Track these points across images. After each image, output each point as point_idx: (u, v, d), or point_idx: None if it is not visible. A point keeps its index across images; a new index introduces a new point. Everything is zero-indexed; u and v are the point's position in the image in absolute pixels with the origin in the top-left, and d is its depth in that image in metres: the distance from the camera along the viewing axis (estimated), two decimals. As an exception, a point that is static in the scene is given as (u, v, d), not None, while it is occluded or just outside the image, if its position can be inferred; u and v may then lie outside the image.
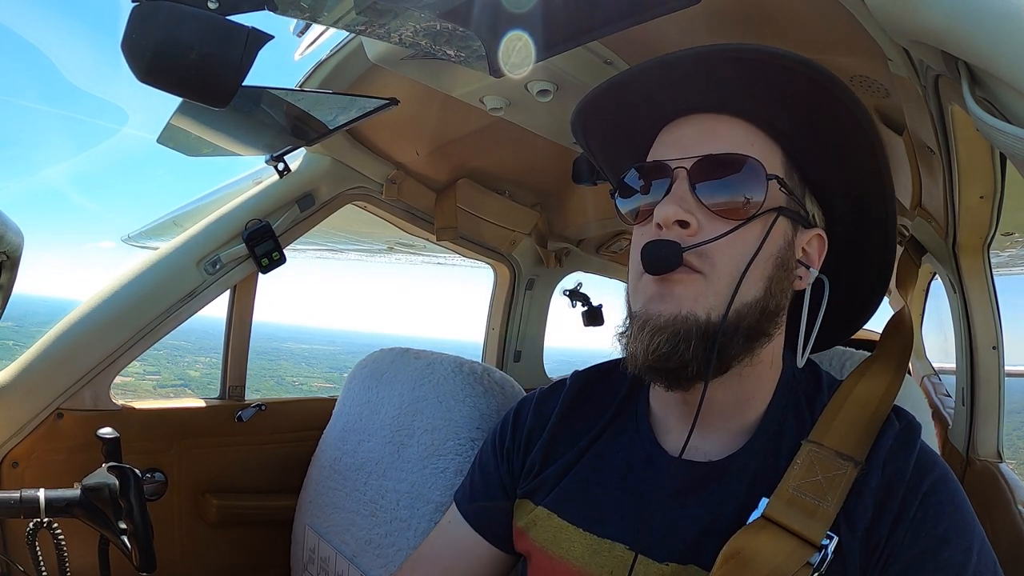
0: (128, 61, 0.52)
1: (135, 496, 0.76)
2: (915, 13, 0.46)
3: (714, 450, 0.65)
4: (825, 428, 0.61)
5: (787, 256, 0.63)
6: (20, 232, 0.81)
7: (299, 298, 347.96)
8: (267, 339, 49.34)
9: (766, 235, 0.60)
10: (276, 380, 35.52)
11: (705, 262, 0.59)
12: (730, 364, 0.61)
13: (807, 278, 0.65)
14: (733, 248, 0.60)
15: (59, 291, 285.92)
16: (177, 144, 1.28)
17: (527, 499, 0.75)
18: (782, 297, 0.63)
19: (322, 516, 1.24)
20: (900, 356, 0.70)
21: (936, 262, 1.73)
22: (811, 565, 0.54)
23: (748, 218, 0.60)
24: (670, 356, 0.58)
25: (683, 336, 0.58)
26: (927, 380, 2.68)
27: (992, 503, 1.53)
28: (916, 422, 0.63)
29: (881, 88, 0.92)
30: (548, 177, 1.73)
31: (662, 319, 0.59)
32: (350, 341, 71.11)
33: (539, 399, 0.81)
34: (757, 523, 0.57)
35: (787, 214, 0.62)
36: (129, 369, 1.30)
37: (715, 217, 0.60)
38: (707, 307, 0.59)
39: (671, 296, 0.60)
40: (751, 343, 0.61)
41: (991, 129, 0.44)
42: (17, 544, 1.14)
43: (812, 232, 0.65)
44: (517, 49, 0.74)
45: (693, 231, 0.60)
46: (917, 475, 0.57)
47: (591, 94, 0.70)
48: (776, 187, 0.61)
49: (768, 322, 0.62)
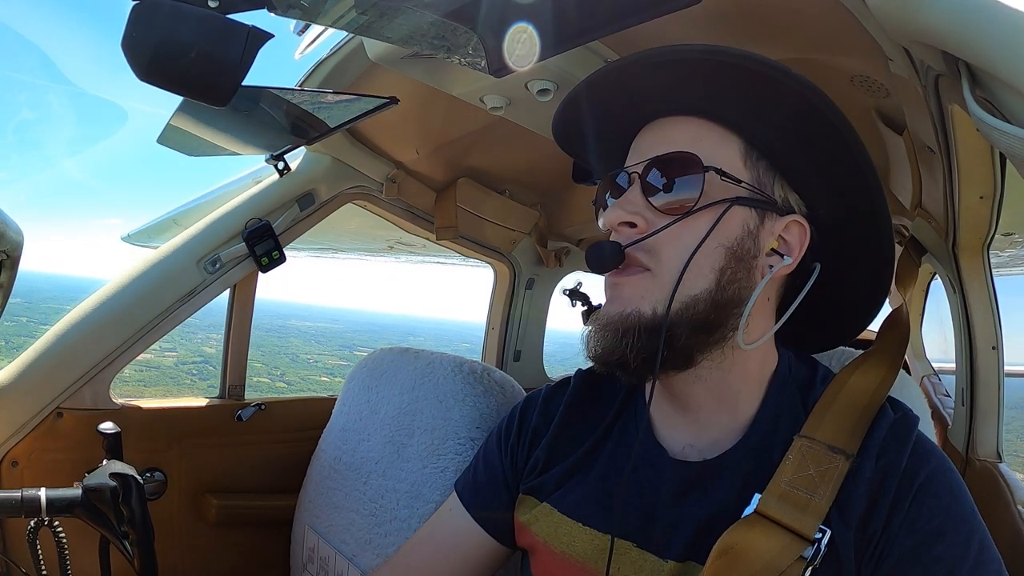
0: (128, 60, 0.52)
1: (137, 503, 0.76)
2: (915, 13, 0.46)
3: (709, 448, 0.66)
4: (817, 422, 0.61)
5: (745, 246, 0.62)
6: (20, 231, 0.81)
7: (299, 275, 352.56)
8: (271, 316, 48.83)
9: (712, 226, 0.61)
10: (291, 357, 35.33)
11: (652, 258, 0.62)
12: (692, 356, 0.62)
13: (778, 266, 0.64)
14: (678, 241, 0.61)
15: (65, 268, 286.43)
16: (177, 144, 1.28)
17: (531, 496, 0.75)
18: (740, 288, 0.62)
19: (322, 516, 1.24)
20: (896, 350, 0.70)
21: (936, 262, 1.73)
22: (804, 559, 0.54)
23: (688, 211, 0.61)
24: (612, 351, 0.61)
25: (624, 332, 0.61)
26: (927, 380, 2.68)
27: (992, 503, 1.53)
28: (913, 414, 0.63)
29: (881, 88, 0.92)
30: (548, 176, 1.73)
31: (608, 318, 0.63)
32: (353, 319, 71.05)
33: (545, 397, 0.82)
34: (750, 518, 0.57)
35: (745, 203, 0.62)
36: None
37: (662, 215, 0.63)
38: (652, 302, 0.61)
39: (618, 297, 0.63)
40: (706, 335, 0.62)
41: (991, 129, 0.44)
42: (17, 544, 1.14)
43: (787, 219, 0.65)
44: (517, 49, 0.74)
45: (641, 231, 0.62)
46: (912, 467, 0.57)
47: (555, 119, 0.75)
48: (716, 178, 0.61)
49: (723, 313, 0.62)
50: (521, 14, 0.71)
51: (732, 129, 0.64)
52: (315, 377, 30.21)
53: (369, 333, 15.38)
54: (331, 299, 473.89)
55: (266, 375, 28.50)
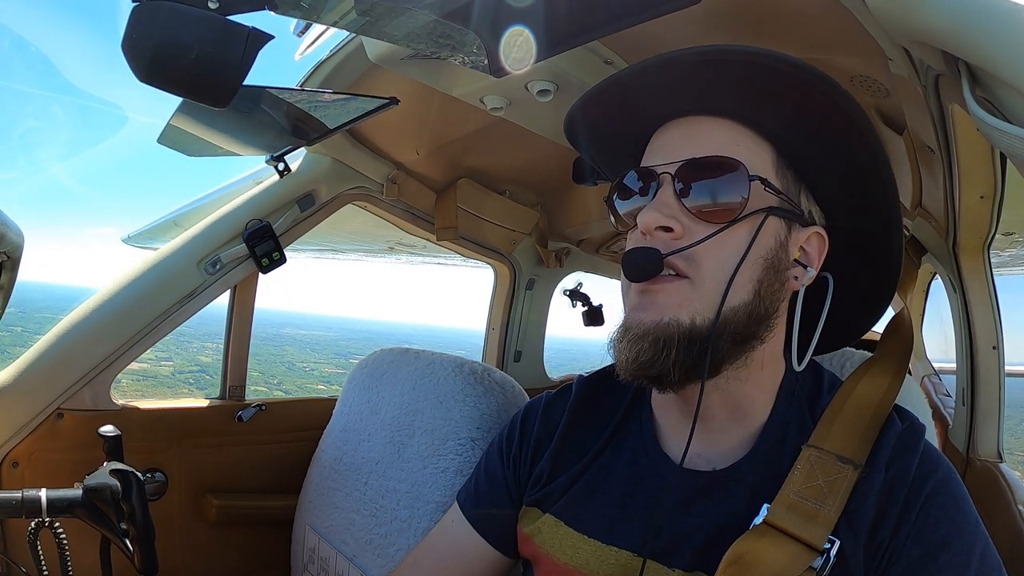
0: (128, 61, 0.52)
1: (137, 500, 0.76)
2: (915, 13, 0.46)
3: (718, 458, 0.65)
4: (825, 432, 0.61)
5: (779, 257, 0.62)
6: (20, 232, 0.81)
7: (290, 284, 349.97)
8: (265, 324, 49.02)
9: (754, 237, 0.59)
10: (287, 366, 35.19)
11: (691, 266, 0.59)
12: (720, 367, 0.61)
13: (803, 278, 0.64)
14: (720, 251, 0.59)
15: (60, 278, 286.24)
16: (177, 144, 1.28)
17: (535, 507, 0.75)
18: (773, 300, 0.62)
19: (322, 516, 1.24)
20: (900, 357, 0.70)
21: (936, 262, 1.73)
22: (814, 569, 0.54)
23: (732, 220, 0.59)
24: (652, 364, 0.58)
25: (664, 343, 0.58)
26: (927, 380, 2.68)
27: (992, 503, 1.53)
28: (920, 423, 0.63)
29: (881, 88, 0.92)
30: (548, 177, 1.73)
31: (643, 327, 0.59)
32: (346, 328, 71.00)
33: (546, 406, 0.80)
34: (759, 528, 0.57)
35: (778, 213, 0.61)
36: (142, 355, 1.30)
37: (700, 221, 0.60)
38: (692, 312, 0.58)
39: (652, 304, 0.60)
40: (740, 346, 0.61)
41: (991, 129, 0.44)
42: (17, 544, 1.14)
43: (810, 230, 0.64)
44: (517, 49, 0.74)
45: (678, 235, 0.60)
46: (920, 477, 0.57)
47: (574, 108, 0.71)
48: (760, 187, 0.60)
49: (758, 325, 0.61)
50: (521, 14, 0.71)
51: (763, 136, 0.63)
52: (312, 385, 30.06)
53: (364, 341, 15.29)
54: (323, 307, 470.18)
55: (263, 383, 28.38)
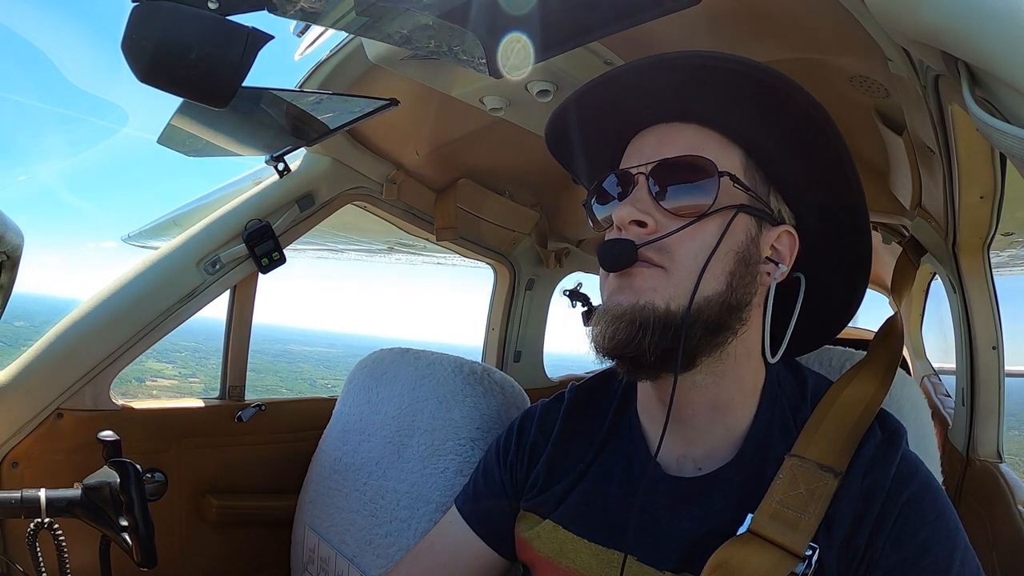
0: (128, 61, 0.52)
1: (135, 490, 0.76)
2: (915, 13, 0.46)
3: (705, 460, 0.67)
4: (807, 441, 0.62)
5: (750, 252, 0.64)
6: (20, 232, 0.81)
7: (290, 299, 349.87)
8: (268, 341, 49.31)
9: (724, 230, 0.62)
10: (309, 383, 34.91)
11: (664, 256, 0.62)
12: (695, 358, 0.62)
13: (775, 274, 0.66)
14: (692, 242, 0.62)
15: (63, 291, 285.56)
16: (177, 144, 1.28)
17: (532, 513, 0.76)
18: (745, 292, 0.64)
19: (322, 516, 1.24)
20: (888, 365, 0.71)
21: (936, 262, 1.73)
22: (795, 574, 0.56)
23: (703, 214, 0.62)
24: (627, 343, 0.60)
25: (640, 324, 0.60)
26: (927, 380, 2.68)
27: (992, 503, 1.53)
28: (901, 430, 0.63)
29: (881, 88, 0.92)
30: (548, 177, 1.73)
31: (620, 308, 0.61)
32: (349, 344, 71.12)
33: (541, 413, 0.83)
34: (743, 536, 0.59)
35: (748, 211, 0.63)
36: (167, 372, 1.30)
37: (673, 217, 0.63)
38: (667, 297, 0.60)
39: (630, 288, 0.62)
40: (713, 336, 0.62)
41: (991, 129, 0.44)
42: (17, 544, 1.14)
43: (780, 229, 0.66)
44: (517, 49, 0.74)
45: (651, 230, 0.62)
46: (896, 486, 0.58)
47: (549, 121, 0.74)
48: (729, 184, 0.63)
49: (730, 316, 0.63)
50: (521, 15, 0.71)
51: (732, 139, 0.65)
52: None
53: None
54: (323, 323, 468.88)
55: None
